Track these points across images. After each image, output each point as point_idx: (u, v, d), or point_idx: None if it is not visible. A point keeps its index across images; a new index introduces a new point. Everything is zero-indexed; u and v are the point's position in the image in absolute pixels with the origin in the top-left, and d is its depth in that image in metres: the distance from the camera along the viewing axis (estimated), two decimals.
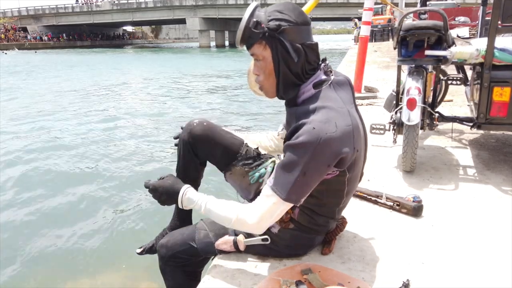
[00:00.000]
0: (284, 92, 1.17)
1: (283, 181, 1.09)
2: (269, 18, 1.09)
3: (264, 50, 1.11)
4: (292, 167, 1.07)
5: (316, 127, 1.05)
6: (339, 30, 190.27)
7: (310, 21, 1.14)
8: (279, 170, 1.11)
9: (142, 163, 4.64)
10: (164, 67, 18.83)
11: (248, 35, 1.11)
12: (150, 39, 74.87)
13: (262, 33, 1.09)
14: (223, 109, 7.98)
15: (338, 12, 39.54)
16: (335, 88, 1.15)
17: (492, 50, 2.00)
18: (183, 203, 1.25)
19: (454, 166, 2.33)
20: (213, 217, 1.22)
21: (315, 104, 1.10)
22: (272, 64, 1.13)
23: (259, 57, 1.13)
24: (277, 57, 1.11)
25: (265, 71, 1.15)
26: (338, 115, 1.08)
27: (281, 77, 1.14)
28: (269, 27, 1.08)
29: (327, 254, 1.41)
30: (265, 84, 1.18)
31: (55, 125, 6.72)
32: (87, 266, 2.59)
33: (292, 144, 1.08)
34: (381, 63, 8.19)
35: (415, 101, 2.09)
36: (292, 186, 1.08)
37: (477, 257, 1.40)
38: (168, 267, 1.40)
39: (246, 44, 1.14)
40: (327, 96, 1.12)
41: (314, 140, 1.04)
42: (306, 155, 1.05)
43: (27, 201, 3.58)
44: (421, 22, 2.18)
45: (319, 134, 1.04)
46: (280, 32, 1.08)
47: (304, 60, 1.12)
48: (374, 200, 1.84)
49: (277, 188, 1.10)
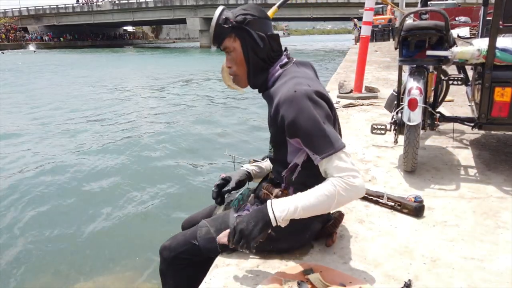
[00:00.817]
0: (254, 77, 1.31)
1: (321, 142, 1.16)
2: (236, 14, 1.26)
3: (234, 41, 1.27)
4: (312, 128, 1.16)
5: (295, 89, 1.19)
6: (340, 30, 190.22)
7: (270, 18, 1.33)
8: (308, 142, 1.17)
9: (143, 162, 4.64)
10: (164, 67, 18.83)
11: (219, 31, 1.26)
12: (151, 39, 74.80)
13: (231, 27, 1.25)
14: (223, 107, 7.99)
15: (339, 12, 39.53)
16: (298, 66, 1.32)
17: (494, 50, 2.00)
18: (276, 214, 1.16)
19: (455, 166, 2.33)
20: (311, 210, 1.16)
21: (285, 78, 1.27)
22: (242, 53, 1.28)
23: (230, 49, 1.28)
24: (246, 45, 1.27)
25: (237, 61, 1.29)
26: (307, 79, 1.25)
27: (250, 63, 1.29)
28: (237, 20, 1.25)
29: (331, 245, 1.43)
30: (237, 74, 1.32)
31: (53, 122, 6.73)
32: (87, 266, 2.59)
33: (292, 116, 1.17)
34: (382, 63, 8.19)
35: (416, 101, 2.09)
36: (329, 136, 1.16)
37: (479, 258, 1.40)
38: (170, 270, 1.40)
39: (218, 40, 1.28)
40: (294, 71, 1.29)
41: (302, 96, 1.17)
42: (310, 110, 1.16)
43: (27, 201, 3.58)
44: (422, 22, 2.18)
45: (301, 91, 1.18)
46: (246, 24, 1.25)
47: (269, 47, 1.29)
48: (375, 200, 1.84)
49: (326, 151, 1.15)
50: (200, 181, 4.01)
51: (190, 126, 6.51)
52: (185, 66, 19.27)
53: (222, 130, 6.24)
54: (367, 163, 2.43)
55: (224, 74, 1.40)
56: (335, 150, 1.15)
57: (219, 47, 1.31)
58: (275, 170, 1.42)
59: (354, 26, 21.28)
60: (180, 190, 3.81)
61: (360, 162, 2.44)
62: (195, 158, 4.79)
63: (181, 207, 3.39)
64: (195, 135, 5.94)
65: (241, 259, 1.38)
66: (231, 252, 1.40)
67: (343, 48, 28.43)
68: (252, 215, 1.20)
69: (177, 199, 3.57)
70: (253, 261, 1.37)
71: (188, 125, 6.63)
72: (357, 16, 20.57)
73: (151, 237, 2.89)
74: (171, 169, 4.41)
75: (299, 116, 1.16)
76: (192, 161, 4.66)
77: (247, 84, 1.35)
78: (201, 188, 3.82)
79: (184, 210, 3.24)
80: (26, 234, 3.01)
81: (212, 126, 6.48)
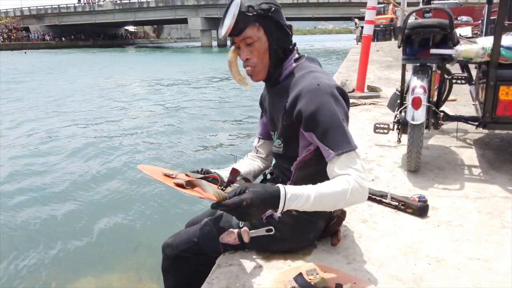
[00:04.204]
0: (274, 70, 1.28)
1: (339, 138, 1.14)
2: (259, 2, 1.20)
3: (258, 31, 1.21)
4: (332, 124, 1.14)
5: (318, 82, 1.18)
6: (341, 30, 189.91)
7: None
8: (326, 136, 1.15)
9: (145, 162, 4.63)
10: (166, 67, 18.83)
11: (241, 20, 1.18)
12: (152, 39, 74.80)
13: (255, 15, 1.18)
14: (223, 105, 7.98)
15: (340, 11, 39.49)
16: (310, 61, 1.31)
17: (499, 49, 1.98)
18: (286, 204, 1.07)
19: (459, 166, 2.31)
20: (325, 201, 1.10)
21: (302, 72, 1.25)
22: (267, 43, 1.23)
23: (253, 39, 1.21)
24: (271, 34, 1.22)
25: (260, 52, 1.23)
26: (326, 75, 1.24)
27: (272, 55, 1.25)
28: (262, 8, 1.19)
29: (336, 244, 1.42)
30: (258, 65, 1.26)
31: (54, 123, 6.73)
32: (87, 266, 2.57)
33: (313, 109, 1.16)
34: (384, 63, 8.16)
35: (420, 100, 2.07)
36: (347, 134, 1.16)
37: (484, 258, 1.39)
38: (172, 268, 1.38)
39: (238, 29, 1.19)
40: (309, 66, 1.27)
41: (325, 90, 1.16)
42: (332, 106, 1.15)
43: (27, 201, 3.58)
44: (426, 20, 2.16)
45: (324, 85, 1.17)
46: (272, 12, 1.20)
47: (290, 38, 1.28)
48: (379, 200, 1.82)
49: (344, 147, 1.14)
50: None
51: (191, 126, 6.50)
52: (186, 65, 19.26)
53: (224, 129, 6.23)
54: (370, 162, 2.42)
55: (233, 69, 1.34)
56: (353, 148, 1.14)
57: (233, 39, 1.23)
58: (279, 167, 1.40)
59: (355, 26, 21.25)
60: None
61: (363, 162, 2.42)
62: (197, 157, 4.78)
63: (184, 205, 3.38)
64: (196, 134, 5.92)
65: (244, 259, 1.36)
66: (234, 252, 1.39)
67: (345, 48, 28.38)
68: (264, 198, 1.05)
69: (179, 198, 3.56)
70: (256, 261, 1.35)
71: (189, 124, 6.61)
72: (358, 16, 20.52)
73: (153, 234, 2.88)
74: (174, 168, 4.40)
75: (320, 110, 1.15)
76: (194, 161, 4.65)
77: (265, 76, 1.29)
78: None
79: (186, 208, 3.24)
80: (26, 233, 3.00)
81: (213, 126, 6.47)
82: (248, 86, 1.35)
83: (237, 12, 1.17)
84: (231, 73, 1.34)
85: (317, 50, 32.42)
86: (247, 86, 1.36)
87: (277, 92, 1.31)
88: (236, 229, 1.33)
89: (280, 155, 1.36)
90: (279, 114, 1.31)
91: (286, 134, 1.30)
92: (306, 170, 1.28)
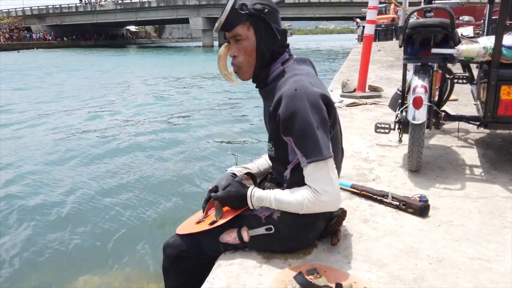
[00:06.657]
0: (260, 71, 1.28)
1: (310, 146, 1.15)
2: (254, 2, 1.21)
3: (248, 30, 1.22)
4: (305, 131, 1.15)
5: (296, 87, 1.18)
6: (343, 30, 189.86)
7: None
8: (299, 143, 1.17)
9: (146, 161, 4.64)
10: (167, 66, 18.84)
11: (233, 16, 1.20)
12: (153, 38, 74.85)
13: (247, 14, 1.20)
14: (223, 104, 7.98)
15: (342, 11, 39.47)
16: (298, 63, 1.31)
17: (500, 48, 1.97)
18: (254, 204, 1.29)
19: (460, 166, 2.31)
20: (284, 207, 1.25)
21: (286, 76, 1.25)
22: (255, 43, 1.24)
23: (242, 37, 1.23)
24: (260, 35, 1.23)
25: (247, 51, 1.25)
26: (309, 77, 1.24)
27: (259, 56, 1.25)
28: (255, 8, 1.20)
29: (336, 243, 1.41)
30: (244, 65, 1.27)
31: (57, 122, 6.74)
32: (87, 266, 2.58)
33: (288, 114, 1.16)
34: (385, 63, 8.15)
35: (421, 99, 2.07)
36: (319, 143, 1.15)
37: (485, 258, 1.38)
38: (173, 267, 1.39)
39: (229, 26, 1.22)
40: (295, 68, 1.28)
41: (302, 96, 1.16)
42: (306, 112, 1.15)
43: (28, 201, 3.58)
44: (427, 20, 2.15)
45: (302, 90, 1.17)
46: (265, 13, 1.21)
47: (281, 41, 1.27)
48: (379, 200, 1.82)
49: (312, 156, 1.15)
50: (202, 180, 4.00)
51: (192, 125, 6.50)
52: (187, 65, 19.27)
53: (225, 129, 6.22)
54: (371, 162, 2.41)
55: (221, 63, 1.36)
56: (323, 157, 1.15)
57: (225, 34, 1.26)
58: (275, 169, 1.40)
59: (356, 25, 21.23)
60: (184, 189, 3.79)
61: (364, 162, 2.42)
62: (198, 157, 4.78)
63: (185, 205, 3.38)
64: (197, 134, 5.92)
65: (244, 258, 1.36)
66: (234, 251, 1.39)
67: (346, 48, 28.36)
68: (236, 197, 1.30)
69: (180, 198, 3.56)
70: (256, 261, 1.35)
71: (190, 124, 6.62)
72: (359, 16, 20.51)
73: (154, 234, 2.88)
74: (175, 168, 4.40)
75: (294, 116, 1.16)
76: (195, 160, 4.65)
77: (250, 77, 1.30)
78: (203, 187, 3.81)
79: (187, 208, 3.23)
80: (26, 233, 3.00)
81: (214, 125, 6.47)
82: (234, 82, 1.36)
83: (229, 7, 1.19)
84: (218, 66, 1.36)
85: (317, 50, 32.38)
86: (233, 83, 1.37)
87: (264, 95, 1.33)
88: (236, 228, 1.34)
89: (274, 158, 1.37)
90: (266, 117, 1.33)
91: (275, 138, 1.29)
92: (299, 173, 1.24)
